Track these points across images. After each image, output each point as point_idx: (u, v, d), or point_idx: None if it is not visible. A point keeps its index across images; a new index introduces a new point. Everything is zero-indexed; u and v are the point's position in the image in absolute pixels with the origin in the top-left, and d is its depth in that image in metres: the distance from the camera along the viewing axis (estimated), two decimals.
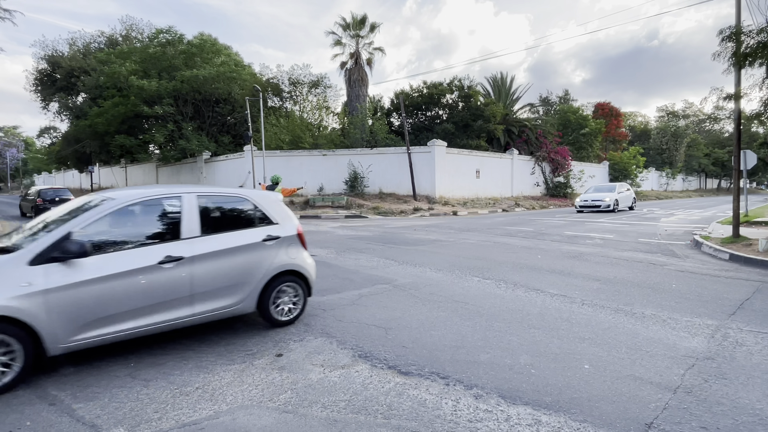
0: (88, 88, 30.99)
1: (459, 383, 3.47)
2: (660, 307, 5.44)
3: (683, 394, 3.26)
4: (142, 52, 29.28)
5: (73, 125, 35.31)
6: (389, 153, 25.43)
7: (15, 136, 79.84)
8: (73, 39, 37.13)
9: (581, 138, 36.77)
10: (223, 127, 32.51)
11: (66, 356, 4.01)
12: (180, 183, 33.29)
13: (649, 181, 48.14)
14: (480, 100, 30.09)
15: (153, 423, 2.92)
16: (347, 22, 30.92)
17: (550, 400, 3.17)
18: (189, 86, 27.72)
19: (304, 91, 31.81)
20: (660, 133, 55.63)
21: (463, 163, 26.62)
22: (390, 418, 2.98)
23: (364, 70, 31.36)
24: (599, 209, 21.92)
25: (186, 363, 3.87)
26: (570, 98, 50.27)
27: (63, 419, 2.97)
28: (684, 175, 57.91)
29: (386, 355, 4.03)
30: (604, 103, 46.37)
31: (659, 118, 66.64)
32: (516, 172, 30.54)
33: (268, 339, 4.46)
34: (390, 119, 32.23)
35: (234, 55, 32.92)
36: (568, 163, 32.50)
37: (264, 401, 3.22)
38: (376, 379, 3.56)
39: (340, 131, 29.95)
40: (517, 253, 9.42)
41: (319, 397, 3.27)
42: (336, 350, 4.18)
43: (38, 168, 78.03)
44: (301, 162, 25.29)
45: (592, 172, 37.22)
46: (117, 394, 3.30)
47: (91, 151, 36.54)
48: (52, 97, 36.78)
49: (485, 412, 3.05)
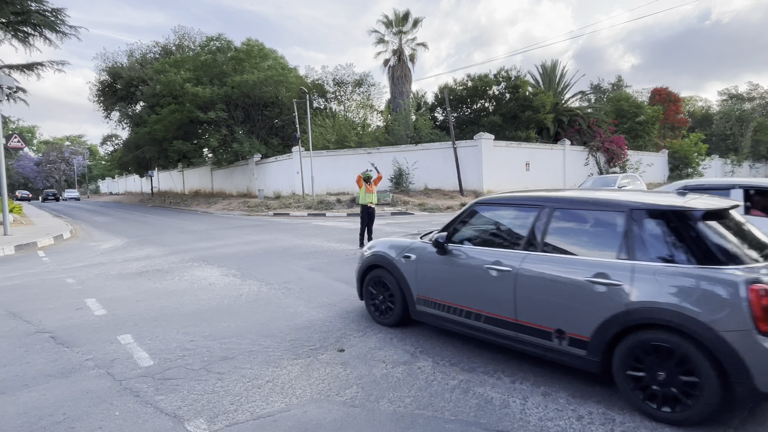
0: (146, 96, 32.77)
1: (525, 381, 3.41)
2: None
3: None
4: (195, 60, 30.62)
5: (133, 132, 37.45)
6: (434, 148, 25.27)
7: (80, 145, 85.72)
8: (131, 50, 39.34)
9: (637, 126, 35.04)
10: (272, 130, 33.46)
11: (145, 350, 4.28)
12: (233, 185, 34.58)
13: (713, 170, 45.20)
14: (528, 90, 29.29)
15: (230, 414, 3.06)
16: (390, 20, 30.99)
17: (622, 400, 3.06)
18: (239, 91, 28.73)
19: (348, 90, 32.19)
20: (723, 117, 52.12)
21: (512, 156, 26.04)
22: (458, 414, 2.98)
23: (407, 66, 31.34)
24: None
25: (255, 357, 4.02)
26: (623, 84, 48.13)
27: (147, 410, 3.17)
28: (751, 162, 53.92)
29: (447, 352, 4.03)
30: (661, 88, 43.96)
31: (722, 102, 62.44)
32: (568, 164, 29.52)
33: (329, 335, 4.56)
34: (434, 114, 32.00)
35: (280, 58, 33.77)
36: (624, 152, 31.06)
37: (332, 395, 3.30)
38: (439, 376, 3.56)
39: (384, 128, 30.07)
40: None
41: (384, 393, 3.31)
42: (396, 346, 4.21)
43: (102, 174, 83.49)
44: (347, 161, 25.61)
45: (650, 161, 35.41)
46: (195, 387, 3.48)
47: (150, 157, 38.65)
48: (114, 107, 39.10)
49: (555, 411, 2.99)
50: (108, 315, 5.53)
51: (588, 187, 18.30)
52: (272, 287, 6.74)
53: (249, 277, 7.55)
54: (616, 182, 17.66)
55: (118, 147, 57.84)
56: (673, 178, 37.98)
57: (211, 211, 26.74)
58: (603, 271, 3.10)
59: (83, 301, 6.28)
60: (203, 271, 8.20)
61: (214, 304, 5.89)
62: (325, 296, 6.11)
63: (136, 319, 5.30)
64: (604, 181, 18.33)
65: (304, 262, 8.81)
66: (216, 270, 8.25)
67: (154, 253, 10.66)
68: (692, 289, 2.76)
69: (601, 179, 18.88)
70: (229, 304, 5.85)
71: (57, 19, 17.44)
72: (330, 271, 7.76)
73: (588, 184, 18.73)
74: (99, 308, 5.84)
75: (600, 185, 17.94)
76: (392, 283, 4.66)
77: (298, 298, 6.04)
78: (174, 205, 34.85)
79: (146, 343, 4.49)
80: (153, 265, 9.01)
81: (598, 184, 18.27)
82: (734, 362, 2.61)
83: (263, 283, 7.00)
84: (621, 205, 3.26)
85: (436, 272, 4.22)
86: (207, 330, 4.82)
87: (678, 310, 2.75)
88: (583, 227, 3.51)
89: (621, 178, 18.16)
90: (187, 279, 7.53)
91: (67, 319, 5.40)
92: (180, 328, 4.92)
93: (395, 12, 30.90)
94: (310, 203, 23.10)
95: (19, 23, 16.61)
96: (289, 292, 6.42)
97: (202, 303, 5.95)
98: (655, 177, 36.08)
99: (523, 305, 3.48)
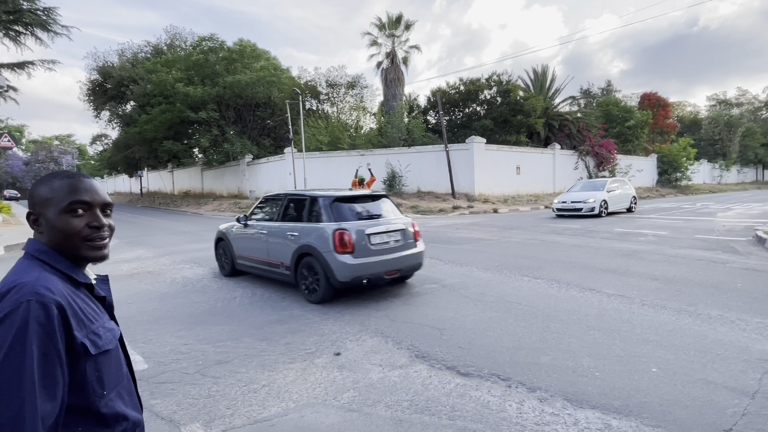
0: (136, 96, 32.44)
1: (521, 385, 3.43)
2: (726, 307, 5.18)
3: (763, 399, 3.11)
4: (186, 59, 30.40)
5: (123, 132, 37.09)
6: (427, 151, 25.33)
7: (69, 144, 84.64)
8: (122, 50, 38.91)
9: (627, 130, 35.39)
10: (264, 131, 33.31)
11: (139, 353, 4.24)
12: (224, 186, 34.38)
13: (701, 174, 45.77)
14: (519, 95, 29.47)
15: (226, 419, 3.04)
16: (383, 22, 31.02)
17: (619, 404, 3.09)
18: (231, 91, 28.56)
19: (341, 92, 32.16)
20: (712, 122, 52.77)
21: (503, 160, 26.17)
22: (454, 419, 2.99)
23: (400, 69, 31.39)
24: (580, 213, 16.84)
25: (250, 361, 4.00)
26: (613, 89, 48.58)
27: (143, 414, 3.13)
28: (739, 167, 54.69)
29: (443, 356, 4.04)
30: (650, 93, 44.39)
31: (710, 107, 63.26)
32: (558, 168, 29.75)
33: (325, 338, 4.56)
34: (426, 117, 32.09)
35: (273, 59, 33.66)
36: (613, 156, 31.35)
37: (328, 399, 3.29)
38: (436, 380, 3.58)
39: (378, 131, 30.08)
40: (567, 252, 9.20)
41: (381, 397, 3.31)
42: (392, 350, 4.22)
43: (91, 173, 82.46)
44: (340, 162, 25.57)
45: (639, 165, 35.78)
46: (190, 391, 3.46)
47: (140, 157, 38.31)
48: (104, 106, 38.67)
49: (551, 415, 3.01)
50: None
51: (577, 190, 18.44)
52: (267, 289, 6.71)
53: (242, 279, 7.51)
54: (605, 186, 17.78)
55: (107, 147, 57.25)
56: (662, 183, 38.44)
57: (201, 212, 26.53)
58: (293, 230, 6.24)
59: None
60: (195, 273, 8.14)
61: (208, 306, 5.85)
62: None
63: (129, 322, 5.25)
64: (592, 185, 18.40)
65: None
66: (209, 272, 8.19)
67: (145, 254, 10.56)
68: (317, 234, 5.83)
69: (590, 183, 18.96)
70: (223, 307, 5.81)
71: (49, 18, 17.24)
72: None
73: (577, 188, 18.77)
74: None
75: (589, 189, 18.03)
76: (227, 248, 7.64)
77: (293, 301, 6.02)
78: (164, 205, 34.53)
79: (140, 346, 4.44)
80: (144, 266, 8.92)
81: (587, 188, 18.32)
82: (328, 268, 5.62)
83: (257, 286, 6.97)
84: (306, 195, 6.40)
85: (241, 238, 7.30)
86: (201, 333, 4.79)
87: (312, 244, 5.84)
88: (295, 207, 6.54)
89: (610, 182, 18.28)
90: (179, 281, 7.47)
91: None
92: (174, 331, 4.88)
93: (388, 15, 30.99)
94: None
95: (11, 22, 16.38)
96: (284, 294, 6.40)
97: (195, 306, 5.90)
98: (644, 181, 36.47)
99: (270, 251, 6.59)
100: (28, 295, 0.97)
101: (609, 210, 17.41)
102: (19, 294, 0.98)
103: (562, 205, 17.47)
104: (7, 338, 0.93)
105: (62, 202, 1.10)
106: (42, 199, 1.11)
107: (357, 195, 6.42)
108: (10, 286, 1.00)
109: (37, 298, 0.98)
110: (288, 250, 6.18)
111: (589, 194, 17.23)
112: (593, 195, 17.06)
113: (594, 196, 16.99)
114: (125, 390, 1.19)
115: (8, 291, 0.99)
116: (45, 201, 1.11)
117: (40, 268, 1.07)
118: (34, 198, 1.13)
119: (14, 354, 0.93)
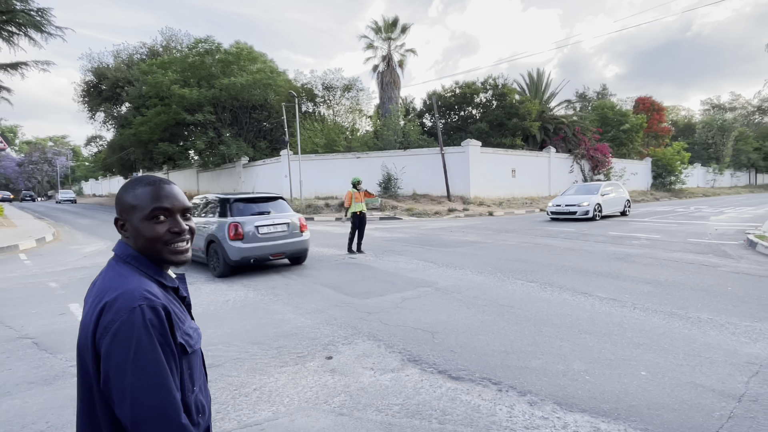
0: (131, 97, 32.32)
1: (512, 389, 3.45)
2: (716, 310, 5.23)
3: (749, 402, 3.14)
4: (182, 61, 30.34)
5: (118, 134, 36.92)
6: (422, 154, 25.39)
7: (64, 145, 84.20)
8: (117, 51, 38.76)
9: (622, 134, 35.60)
10: (260, 133, 33.28)
11: None
12: (220, 188, 34.30)
13: (695, 178, 46.07)
14: (515, 98, 29.60)
15: (216, 423, 3.04)
16: (378, 26, 31.10)
17: (608, 408, 3.12)
18: (227, 93, 28.54)
19: (337, 95, 32.20)
20: (705, 127, 53.13)
21: (498, 163, 26.27)
22: (445, 423, 3.01)
23: (396, 72, 31.46)
24: (575, 216, 16.88)
25: (241, 365, 4.00)
26: (608, 93, 48.86)
27: None
28: (732, 171, 55.09)
29: (435, 360, 4.05)
30: (645, 97, 44.67)
31: (704, 112, 63.72)
32: (553, 171, 29.88)
33: (317, 342, 4.56)
34: (422, 120, 32.16)
35: (269, 62, 33.64)
36: (608, 160, 31.54)
37: (319, 403, 3.30)
38: (427, 384, 3.59)
39: (373, 134, 30.12)
40: (561, 255, 9.24)
41: (372, 401, 3.32)
42: (384, 354, 4.23)
43: (86, 175, 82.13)
44: (336, 165, 25.59)
45: (634, 169, 36.00)
46: None
47: (135, 158, 38.11)
48: (99, 108, 38.51)
49: (541, 419, 3.02)
50: None
51: (572, 193, 18.53)
52: (259, 292, 6.70)
53: (235, 282, 7.50)
54: (599, 190, 17.86)
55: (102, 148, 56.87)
56: (657, 186, 38.66)
57: None
58: (208, 223, 8.26)
59: (66, 305, 6.18)
60: (188, 275, 8.12)
61: (200, 310, 5.84)
62: (313, 302, 6.09)
63: None
64: (587, 189, 18.47)
65: (292, 266, 8.78)
66: (201, 275, 8.18)
67: None
68: (218, 226, 7.95)
69: (584, 187, 19.04)
70: (215, 310, 5.81)
71: (43, 19, 17.17)
72: (318, 277, 7.75)
73: (572, 192, 18.86)
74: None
75: (584, 192, 18.12)
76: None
77: (285, 304, 6.02)
78: None
79: None
80: None
81: (581, 191, 18.41)
82: (224, 251, 7.76)
83: (250, 289, 6.96)
84: (218, 197, 8.36)
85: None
86: None
87: (215, 233, 7.95)
88: (211, 206, 8.55)
89: (604, 186, 18.37)
90: None
91: (50, 325, 5.32)
92: None
93: (384, 18, 31.04)
94: (299, 207, 22.98)
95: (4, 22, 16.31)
96: (276, 297, 6.40)
97: None
98: (638, 185, 36.68)
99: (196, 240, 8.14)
100: (139, 300, 1.04)
101: (603, 213, 17.49)
102: (130, 299, 1.04)
103: (557, 208, 17.53)
104: (132, 341, 1.00)
105: (145, 209, 1.16)
106: (127, 205, 1.18)
107: (255, 197, 8.42)
108: (119, 291, 1.06)
109: (147, 303, 1.04)
110: (202, 239, 8.33)
111: (583, 198, 17.32)
112: (587, 198, 17.16)
113: (588, 199, 17.09)
114: (204, 384, 1.28)
115: (118, 297, 1.04)
116: (130, 208, 1.17)
117: (137, 273, 1.14)
118: (120, 204, 1.20)
119: (144, 352, 1.00)
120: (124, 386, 0.99)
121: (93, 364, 1.05)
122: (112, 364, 1.00)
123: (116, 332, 1.00)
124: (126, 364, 0.99)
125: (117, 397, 1.00)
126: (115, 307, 1.02)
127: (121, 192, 1.21)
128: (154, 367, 1.00)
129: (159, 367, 1.01)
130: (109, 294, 1.06)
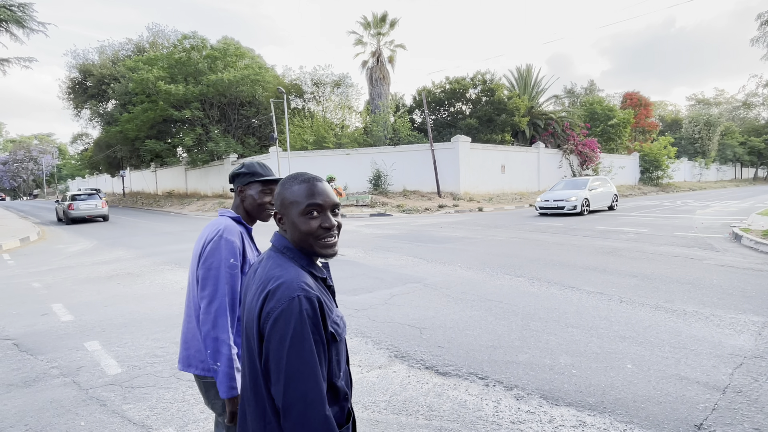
0: (118, 94, 31.90)
1: (498, 384, 3.44)
2: (701, 303, 5.27)
3: (733, 393, 3.16)
4: (169, 57, 29.96)
5: (105, 131, 36.46)
6: (412, 150, 25.37)
7: (49, 143, 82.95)
8: (102, 47, 38.27)
9: (610, 129, 35.88)
10: (249, 129, 33.03)
11: (113, 357, 4.16)
12: (208, 185, 34.03)
13: (682, 172, 46.63)
14: (504, 94, 29.66)
15: (200, 423, 3.00)
16: (368, 21, 30.95)
17: (594, 401, 3.12)
18: (215, 90, 28.25)
19: (326, 91, 32.02)
20: (692, 122, 53.77)
21: (488, 158, 26.34)
22: (431, 419, 2.99)
23: (385, 68, 31.36)
24: (563, 211, 16.89)
25: None
26: (596, 89, 49.23)
27: (114, 419, 3.08)
28: (718, 165, 55.87)
29: (422, 356, 4.04)
30: (633, 92, 45.08)
31: (690, 107, 64.46)
32: (543, 166, 30.04)
33: None
34: (412, 116, 32.11)
35: (257, 57, 33.37)
36: (596, 155, 31.77)
37: None
38: (414, 380, 3.57)
39: (363, 130, 30.03)
40: (549, 250, 9.28)
41: (359, 398, 3.29)
42: (372, 350, 4.20)
43: (72, 173, 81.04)
44: (325, 162, 25.47)
45: (622, 163, 36.31)
46: (164, 395, 3.40)
47: (122, 156, 37.71)
48: (84, 105, 38.01)
49: (527, 413, 3.02)
50: (75, 321, 5.36)
51: (560, 188, 18.65)
52: None
53: None
54: (587, 185, 18.01)
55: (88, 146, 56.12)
56: (644, 181, 39.06)
57: (185, 212, 26.22)
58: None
59: (49, 306, 6.08)
60: (176, 274, 8.03)
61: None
62: None
63: (105, 324, 5.15)
64: (575, 184, 18.62)
65: None
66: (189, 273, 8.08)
67: (125, 255, 10.39)
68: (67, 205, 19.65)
69: (572, 182, 19.18)
70: None
71: (24, 14, 16.83)
72: None
73: (560, 187, 18.98)
74: (66, 314, 5.66)
75: (571, 187, 18.24)
76: None
77: None
78: (146, 206, 34.04)
79: (114, 349, 4.36)
80: (123, 268, 8.77)
81: (569, 186, 18.53)
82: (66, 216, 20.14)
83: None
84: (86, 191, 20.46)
85: None
86: (178, 336, 4.70)
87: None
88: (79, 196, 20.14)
89: (591, 180, 18.52)
90: (158, 283, 7.36)
91: (31, 326, 5.22)
92: (150, 334, 4.80)
93: (373, 14, 30.90)
94: None
95: None
96: None
97: (174, 308, 5.81)
98: (626, 179, 37.01)
99: None
100: (297, 291, 1.12)
101: (591, 208, 17.62)
102: (289, 290, 1.12)
103: (545, 203, 17.53)
104: (289, 329, 1.08)
105: (301, 204, 1.24)
106: (286, 201, 1.27)
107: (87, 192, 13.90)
108: (281, 281, 1.15)
109: (304, 293, 1.12)
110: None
111: (571, 193, 17.37)
112: (575, 193, 17.19)
113: (576, 194, 17.13)
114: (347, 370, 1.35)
115: (278, 287, 1.13)
116: (288, 203, 1.26)
117: (293, 264, 1.23)
118: (280, 199, 1.29)
119: (298, 341, 1.08)
120: (279, 370, 1.09)
121: (257, 342, 1.16)
122: (272, 348, 1.10)
123: (276, 319, 1.10)
124: (282, 350, 1.08)
125: (273, 379, 1.11)
126: (277, 295, 1.12)
127: (279, 188, 1.31)
128: (305, 358, 1.08)
129: (309, 358, 1.08)
130: (272, 282, 1.15)
